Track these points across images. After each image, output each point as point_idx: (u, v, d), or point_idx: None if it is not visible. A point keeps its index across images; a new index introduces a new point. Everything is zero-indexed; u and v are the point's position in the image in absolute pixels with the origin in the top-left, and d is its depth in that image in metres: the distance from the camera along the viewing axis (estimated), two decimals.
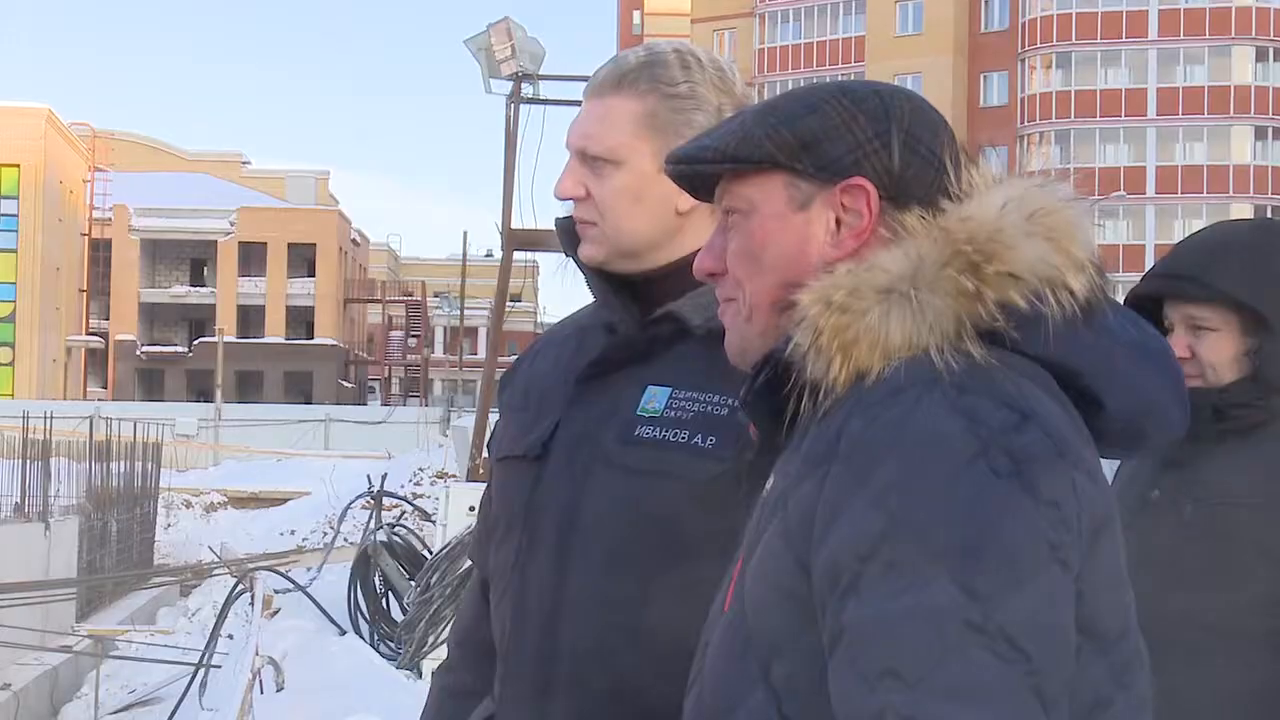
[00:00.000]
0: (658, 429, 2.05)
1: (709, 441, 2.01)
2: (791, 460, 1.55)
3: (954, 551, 1.38)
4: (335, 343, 69.14)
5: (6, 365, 59.70)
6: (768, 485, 1.58)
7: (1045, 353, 1.53)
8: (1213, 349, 2.70)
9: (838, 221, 1.62)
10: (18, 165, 59.94)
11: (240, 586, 16.04)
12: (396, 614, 14.89)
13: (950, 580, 1.37)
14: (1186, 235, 2.89)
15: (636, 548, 2.01)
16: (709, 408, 2.03)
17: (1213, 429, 2.64)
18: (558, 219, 2.23)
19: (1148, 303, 2.74)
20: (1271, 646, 2.62)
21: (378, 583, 15.31)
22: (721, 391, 2.01)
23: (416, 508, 20.91)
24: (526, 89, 19.24)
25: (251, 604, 15.08)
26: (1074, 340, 1.54)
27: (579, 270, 2.21)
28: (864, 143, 1.61)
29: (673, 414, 2.05)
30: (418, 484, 26.60)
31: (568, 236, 2.21)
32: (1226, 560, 2.60)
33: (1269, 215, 56.17)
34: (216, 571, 21.97)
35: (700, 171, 1.70)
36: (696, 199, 1.79)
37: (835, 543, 1.43)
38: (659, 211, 2.12)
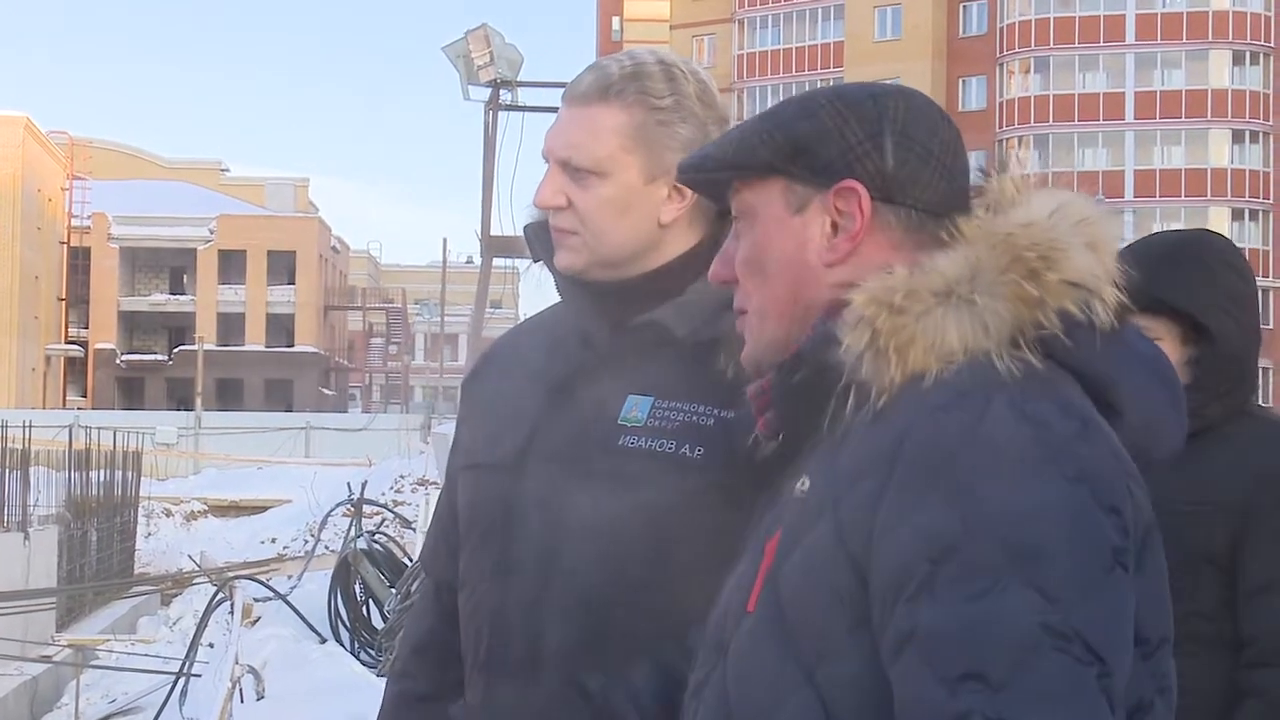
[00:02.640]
0: (642, 439, 2.04)
1: (697, 452, 2.00)
2: (832, 460, 1.54)
3: (1030, 556, 1.40)
4: (316, 350, 69.01)
5: None
6: (800, 484, 1.57)
7: (1082, 362, 1.55)
8: None
9: (834, 225, 1.64)
10: None
11: (220, 595, 16.01)
12: (377, 622, 14.87)
13: (1027, 584, 1.39)
14: (1126, 244, 2.93)
15: (622, 557, 2.00)
16: (695, 418, 2.02)
17: None
18: (527, 225, 2.21)
19: None
20: (1225, 649, 2.66)
21: (358, 590, 15.28)
22: (706, 402, 2.00)
23: (397, 515, 20.90)
24: (505, 95, 19.28)
25: (232, 612, 15.05)
26: (1107, 351, 1.57)
27: (552, 276, 2.19)
28: (855, 145, 1.63)
29: (656, 423, 2.04)
30: (399, 491, 26.56)
31: (539, 243, 2.19)
32: (1176, 569, 2.60)
33: (1246, 217, 56.48)
34: (197, 580, 21.92)
35: (705, 180, 1.74)
36: (717, 205, 1.81)
37: (903, 544, 1.43)
38: (643, 224, 2.10)
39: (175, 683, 13.69)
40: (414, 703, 2.31)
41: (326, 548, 20.53)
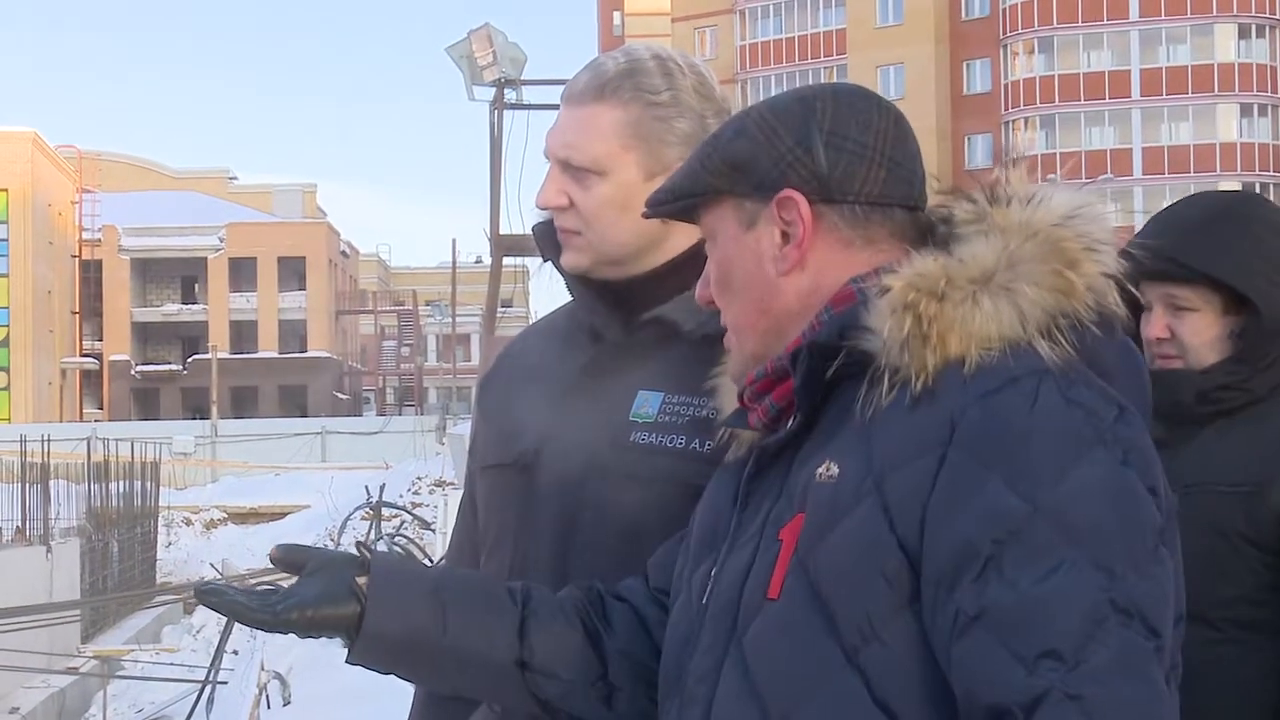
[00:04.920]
0: (653, 434, 2.05)
1: (706, 446, 2.00)
2: (864, 444, 1.56)
3: (1091, 535, 1.45)
4: (329, 355, 69.05)
5: (2, 390, 59.62)
6: (825, 469, 1.58)
7: (1094, 352, 1.58)
8: (1194, 330, 2.60)
9: (784, 235, 1.68)
10: (6, 190, 59.88)
11: None
12: None
13: (1092, 562, 1.44)
14: (1160, 210, 2.76)
15: (636, 553, 1.99)
16: (704, 411, 2.02)
17: (1195, 412, 2.56)
18: (535, 225, 2.23)
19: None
20: (1273, 633, 2.53)
21: None
22: (714, 394, 2.00)
23: (416, 517, 20.94)
24: (509, 94, 19.27)
25: None
26: (1112, 341, 1.62)
27: (561, 276, 2.21)
28: (785, 154, 1.67)
29: (667, 419, 2.05)
30: (416, 493, 26.58)
31: (547, 242, 2.20)
32: (1219, 551, 2.50)
33: (1257, 191, 56.28)
34: None
35: (664, 213, 1.79)
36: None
37: (965, 525, 1.47)
38: (644, 220, 2.07)
39: (201, 691, 13.73)
40: (443, 701, 2.31)
41: None
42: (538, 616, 1.85)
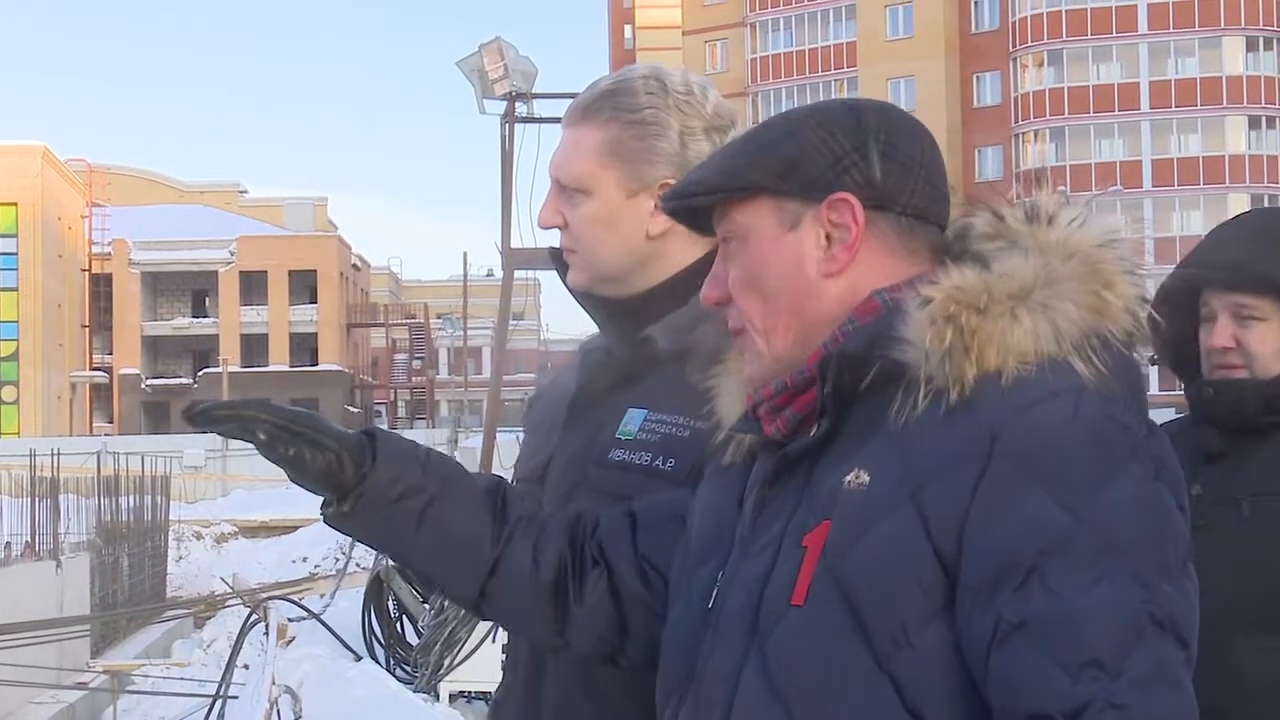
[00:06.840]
0: (628, 452, 2.10)
1: (668, 464, 2.05)
2: (897, 453, 1.57)
3: (1132, 548, 1.49)
4: (340, 368, 69.11)
5: (11, 404, 59.69)
6: (854, 477, 1.59)
7: (1118, 370, 1.59)
8: (1261, 338, 2.62)
9: (828, 237, 1.68)
10: (15, 204, 59.94)
11: (254, 616, 16.05)
12: (411, 637, 14.91)
13: (1131, 574, 1.48)
14: (1222, 223, 2.82)
15: None
16: (673, 429, 2.07)
17: (1259, 422, 2.59)
18: (551, 247, 2.29)
19: (1181, 290, 2.67)
20: None
21: (391, 607, 15.33)
22: (686, 413, 2.03)
23: None
24: (520, 108, 19.31)
25: (266, 633, 15.08)
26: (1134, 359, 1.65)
27: (573, 296, 2.26)
28: (842, 158, 1.68)
29: (643, 436, 2.10)
30: None
31: (560, 261, 2.27)
32: None
33: (1266, 204, 56.17)
34: (230, 602, 21.99)
35: (691, 205, 1.77)
36: (699, 234, 1.85)
37: (1008, 535, 1.50)
38: (630, 237, 2.17)
39: (212, 705, 13.72)
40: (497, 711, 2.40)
41: (358, 565, 20.59)
42: (512, 543, 1.91)
